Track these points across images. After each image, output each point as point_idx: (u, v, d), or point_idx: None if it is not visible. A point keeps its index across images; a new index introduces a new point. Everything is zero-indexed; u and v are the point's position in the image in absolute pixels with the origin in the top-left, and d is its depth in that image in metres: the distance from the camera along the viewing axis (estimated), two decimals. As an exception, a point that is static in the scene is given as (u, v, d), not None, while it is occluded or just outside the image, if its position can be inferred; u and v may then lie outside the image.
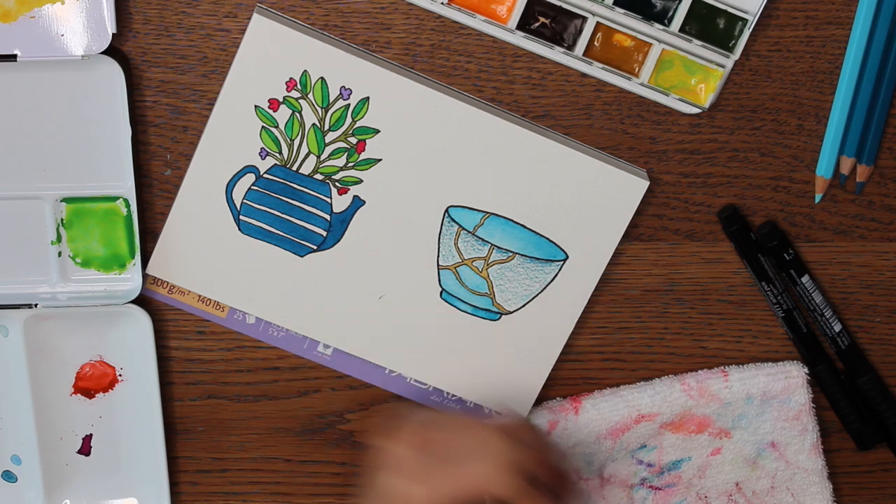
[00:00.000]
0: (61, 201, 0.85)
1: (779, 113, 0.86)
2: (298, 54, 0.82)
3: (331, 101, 0.83)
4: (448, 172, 0.84)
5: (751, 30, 0.83)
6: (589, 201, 0.85)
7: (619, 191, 0.84)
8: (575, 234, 0.85)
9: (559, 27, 0.83)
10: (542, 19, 0.83)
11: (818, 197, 0.87)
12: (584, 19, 0.83)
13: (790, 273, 0.87)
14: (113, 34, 0.81)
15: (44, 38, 0.81)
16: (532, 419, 0.88)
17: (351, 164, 0.84)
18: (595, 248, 0.86)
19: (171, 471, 0.89)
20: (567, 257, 0.86)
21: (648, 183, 0.84)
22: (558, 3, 0.82)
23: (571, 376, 0.90)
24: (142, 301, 0.87)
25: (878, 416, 0.90)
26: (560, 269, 0.86)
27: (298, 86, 0.83)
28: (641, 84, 0.84)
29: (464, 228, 0.85)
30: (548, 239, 0.86)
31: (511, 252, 0.86)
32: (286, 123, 0.84)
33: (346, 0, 0.83)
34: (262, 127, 0.84)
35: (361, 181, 0.85)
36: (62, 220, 0.85)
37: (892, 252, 0.88)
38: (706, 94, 0.84)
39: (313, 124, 0.84)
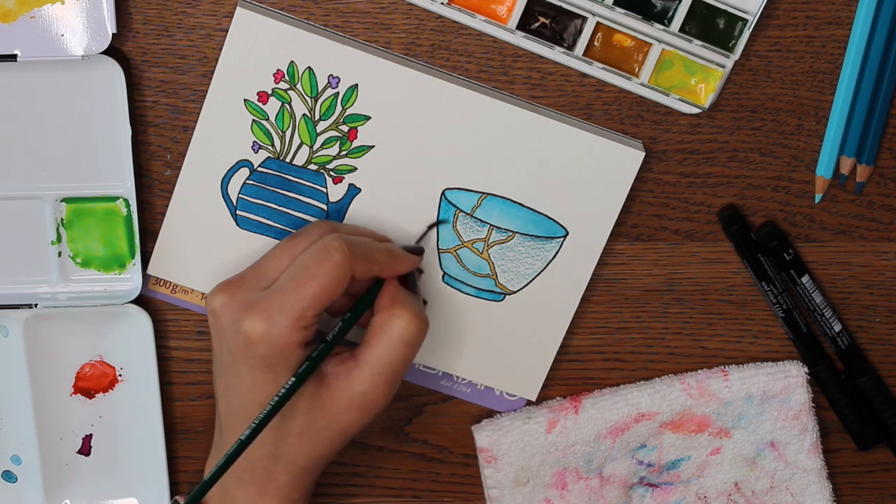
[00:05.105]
0: (61, 201, 0.85)
1: (779, 113, 0.86)
2: (284, 45, 0.82)
3: (319, 90, 0.83)
4: (442, 155, 0.84)
5: (751, 30, 0.83)
6: (585, 175, 0.84)
7: (616, 163, 0.84)
8: (573, 209, 0.85)
9: (559, 27, 0.83)
10: (542, 19, 0.83)
11: (818, 197, 0.87)
12: (584, 19, 0.83)
13: (790, 273, 0.87)
14: (113, 34, 0.81)
15: (44, 38, 0.81)
16: (533, 416, 0.88)
17: (344, 153, 0.84)
18: (595, 222, 0.85)
19: (171, 471, 0.89)
20: (567, 233, 0.86)
21: (644, 153, 0.84)
22: (558, 3, 0.82)
23: (571, 376, 0.90)
24: (142, 301, 0.87)
25: (878, 416, 0.90)
26: (561, 246, 0.86)
27: (286, 77, 0.83)
28: (641, 84, 0.84)
29: (462, 210, 0.85)
30: (547, 216, 0.85)
31: (510, 231, 0.86)
32: (276, 115, 0.84)
33: (346, 0, 0.83)
34: (253, 120, 0.84)
35: (356, 169, 0.85)
36: (62, 220, 0.85)
37: (892, 252, 0.88)
38: (706, 94, 0.84)
39: (304, 115, 0.84)
